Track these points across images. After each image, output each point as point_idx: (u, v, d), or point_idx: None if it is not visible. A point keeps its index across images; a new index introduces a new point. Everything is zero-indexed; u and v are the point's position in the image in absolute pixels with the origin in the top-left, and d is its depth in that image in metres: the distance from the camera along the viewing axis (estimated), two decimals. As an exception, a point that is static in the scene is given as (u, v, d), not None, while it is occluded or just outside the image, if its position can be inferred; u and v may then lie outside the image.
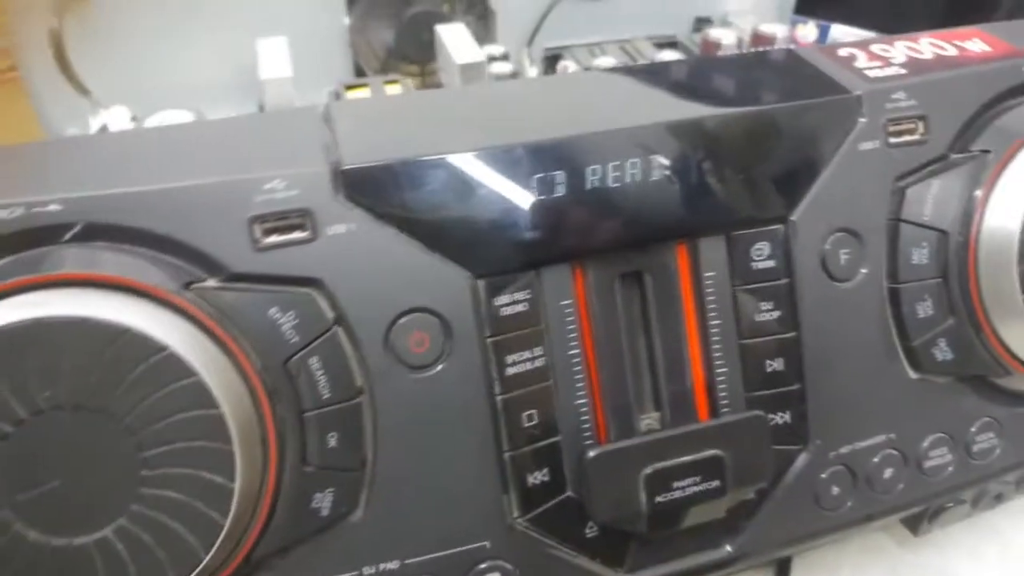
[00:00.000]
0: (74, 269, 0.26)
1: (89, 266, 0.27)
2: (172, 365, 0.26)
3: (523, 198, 0.30)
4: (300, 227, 0.29)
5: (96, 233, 0.28)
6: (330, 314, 0.29)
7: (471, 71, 0.51)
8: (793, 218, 0.32)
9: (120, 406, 0.26)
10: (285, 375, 0.28)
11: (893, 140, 0.33)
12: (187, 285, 0.28)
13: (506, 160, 0.30)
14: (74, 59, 0.54)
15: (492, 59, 0.56)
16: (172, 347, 0.26)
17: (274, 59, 0.52)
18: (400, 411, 0.29)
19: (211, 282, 0.28)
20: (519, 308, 0.30)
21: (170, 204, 0.28)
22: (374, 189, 0.29)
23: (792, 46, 0.57)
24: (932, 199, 0.33)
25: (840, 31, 0.68)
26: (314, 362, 0.28)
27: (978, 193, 0.33)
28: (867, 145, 0.33)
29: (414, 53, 0.62)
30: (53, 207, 0.27)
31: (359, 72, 0.63)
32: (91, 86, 0.55)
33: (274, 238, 0.28)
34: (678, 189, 0.31)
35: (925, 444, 0.35)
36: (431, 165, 0.29)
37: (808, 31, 0.71)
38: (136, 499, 0.26)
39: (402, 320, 0.29)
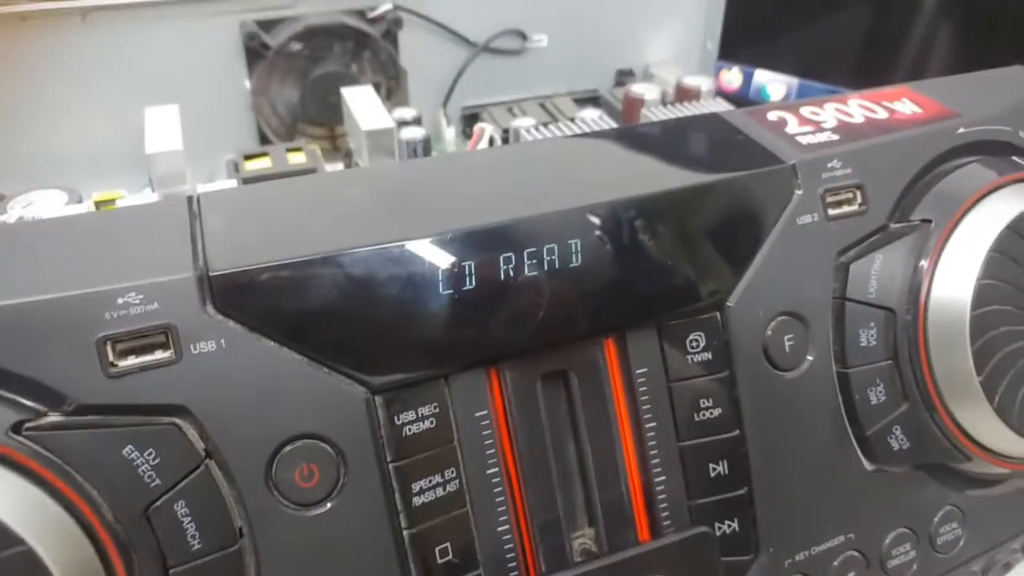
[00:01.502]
0: None
1: None
2: (-9, 534, 0.21)
3: (426, 295, 0.26)
4: (161, 346, 0.24)
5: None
6: (200, 446, 0.24)
7: (379, 138, 0.47)
8: (730, 304, 0.29)
9: (-76, 590, 0.21)
10: (145, 526, 0.23)
11: (832, 212, 0.30)
12: (17, 426, 0.23)
13: (403, 255, 0.26)
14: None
15: (403, 123, 0.52)
16: (-10, 512, 0.21)
17: (163, 130, 0.47)
18: (288, 557, 0.25)
19: (50, 418, 0.23)
20: (426, 425, 0.26)
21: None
22: (248, 297, 0.25)
23: (718, 108, 0.55)
24: (876, 275, 0.30)
25: (763, 76, 0.68)
26: (180, 507, 0.24)
27: (923, 264, 0.31)
28: (805, 219, 0.30)
29: (321, 116, 0.58)
30: None
31: (263, 138, 0.59)
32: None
33: (130, 361, 0.24)
34: (602, 277, 0.28)
35: (887, 541, 0.32)
36: (315, 265, 0.25)
37: (732, 76, 0.70)
38: None
39: (286, 449, 0.25)
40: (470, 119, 0.62)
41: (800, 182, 0.30)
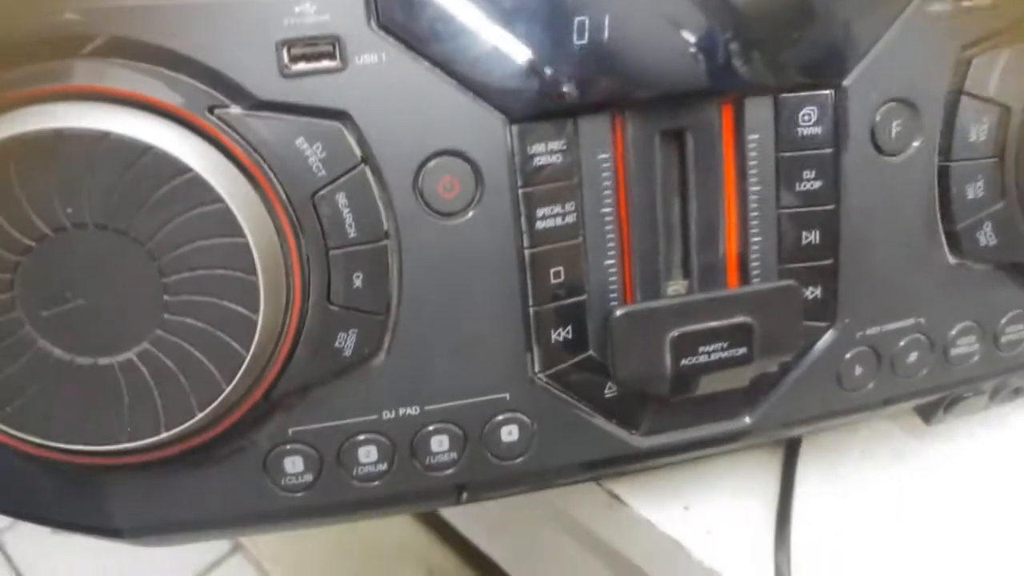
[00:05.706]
0: (95, 82, 0.25)
1: (111, 81, 0.26)
2: (196, 189, 0.25)
3: (563, 39, 0.28)
4: (329, 55, 0.27)
5: (116, 49, 0.26)
6: (358, 151, 0.28)
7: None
8: (846, 83, 0.31)
9: (143, 228, 0.25)
10: (311, 209, 0.27)
11: (965, 3, 0.31)
12: (211, 110, 0.26)
13: (547, -3, 0.28)
14: None
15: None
16: (197, 170, 0.25)
17: None
18: (426, 257, 0.29)
19: (235, 109, 0.27)
20: (554, 159, 0.29)
21: (195, 21, 0.26)
22: (408, 17, 0.27)
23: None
24: (999, 71, 0.31)
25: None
26: (341, 198, 0.28)
27: (1047, 70, 0.31)
28: (936, 6, 0.31)
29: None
30: (70, 15, 0.26)
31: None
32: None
33: (302, 65, 0.27)
34: (727, 42, 0.29)
35: (953, 332, 0.34)
36: (469, -5, 0.27)
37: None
38: (160, 324, 0.26)
39: (432, 162, 0.28)
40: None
41: (938, -33, 0.31)
